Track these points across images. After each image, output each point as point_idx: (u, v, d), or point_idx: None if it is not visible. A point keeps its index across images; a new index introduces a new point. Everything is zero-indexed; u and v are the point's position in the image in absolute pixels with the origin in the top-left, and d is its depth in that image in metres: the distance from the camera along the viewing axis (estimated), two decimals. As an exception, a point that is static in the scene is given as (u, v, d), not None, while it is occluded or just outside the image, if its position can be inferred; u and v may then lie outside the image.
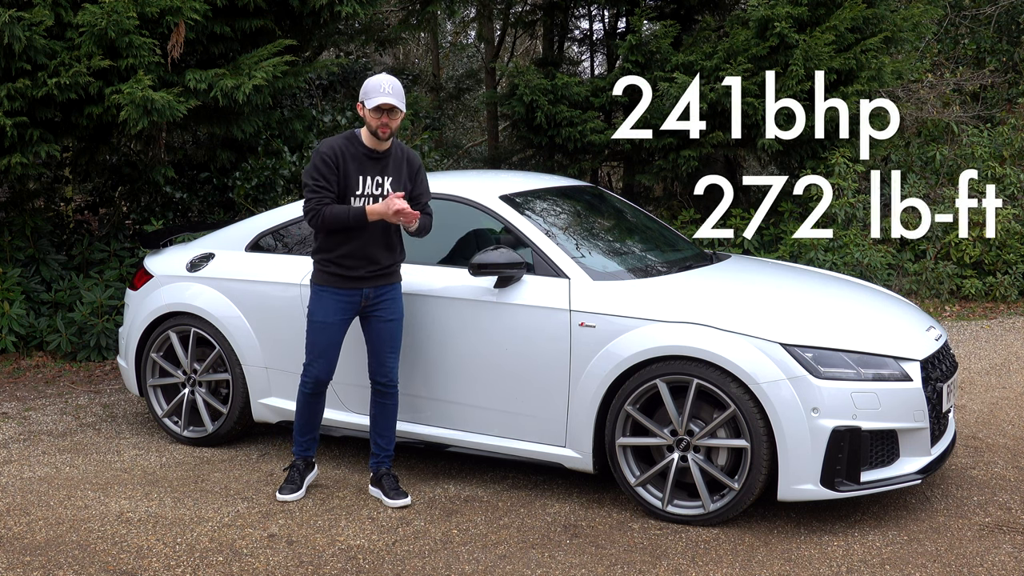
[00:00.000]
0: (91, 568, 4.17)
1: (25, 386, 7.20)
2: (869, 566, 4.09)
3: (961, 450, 5.43)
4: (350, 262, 4.64)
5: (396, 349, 4.81)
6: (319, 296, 4.73)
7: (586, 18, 12.83)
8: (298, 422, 4.93)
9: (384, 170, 4.68)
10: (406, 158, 4.77)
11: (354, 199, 4.62)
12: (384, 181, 4.67)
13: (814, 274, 5.78)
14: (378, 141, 4.63)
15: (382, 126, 4.56)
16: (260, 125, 8.55)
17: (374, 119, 4.56)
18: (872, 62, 9.75)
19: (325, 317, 4.71)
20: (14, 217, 8.23)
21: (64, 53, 6.84)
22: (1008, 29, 13.98)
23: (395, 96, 4.53)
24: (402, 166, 4.74)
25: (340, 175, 4.59)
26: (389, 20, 12.40)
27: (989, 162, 10.80)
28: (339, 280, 4.67)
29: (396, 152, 4.73)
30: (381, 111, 4.54)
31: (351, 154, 4.63)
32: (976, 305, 9.49)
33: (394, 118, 4.58)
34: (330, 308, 4.70)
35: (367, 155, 4.64)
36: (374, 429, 4.90)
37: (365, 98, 4.56)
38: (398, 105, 4.55)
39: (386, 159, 4.68)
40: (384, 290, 4.75)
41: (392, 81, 4.58)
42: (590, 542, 4.37)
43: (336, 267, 4.66)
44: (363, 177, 4.63)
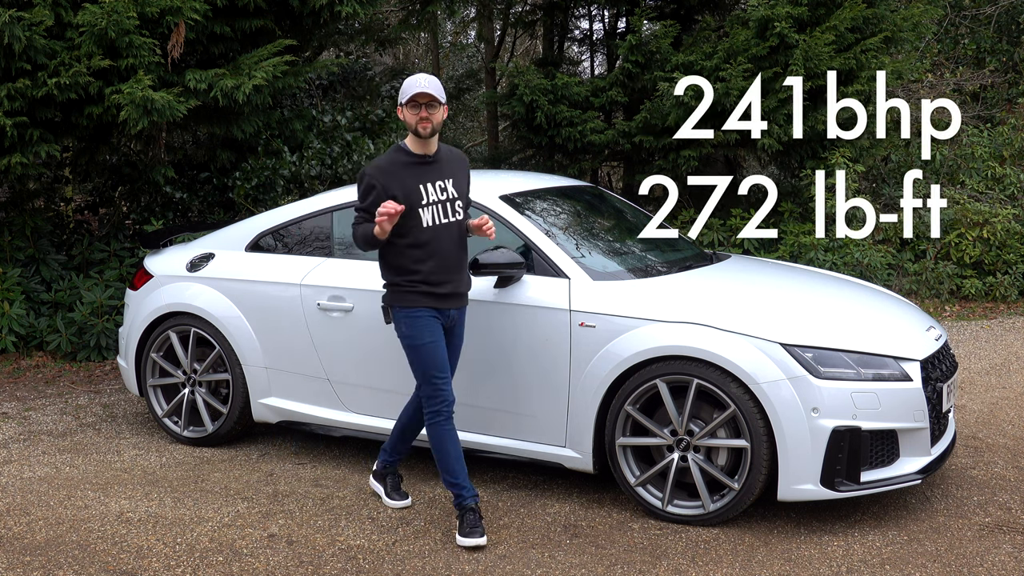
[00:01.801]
0: (91, 568, 4.17)
1: (25, 386, 7.20)
2: (869, 566, 4.09)
3: (961, 450, 5.43)
4: (437, 277, 4.36)
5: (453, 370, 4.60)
6: (417, 319, 4.37)
7: (586, 18, 12.83)
8: (448, 464, 4.39)
9: (443, 173, 4.41)
10: (458, 157, 4.56)
11: (423, 210, 4.33)
12: (447, 184, 4.40)
13: (814, 274, 5.78)
14: (424, 143, 4.35)
15: (422, 121, 4.29)
16: (260, 125, 8.56)
17: (412, 115, 4.30)
18: (872, 62, 9.75)
19: (432, 336, 4.37)
20: (14, 217, 8.23)
21: (64, 53, 6.84)
22: (1008, 29, 13.98)
23: (431, 87, 4.27)
24: (459, 165, 4.51)
25: (392, 193, 4.26)
26: (389, 20, 12.39)
27: (989, 162, 10.80)
28: (430, 299, 4.36)
29: (447, 152, 4.50)
30: (418, 104, 4.27)
31: (401, 164, 4.35)
32: (976, 305, 9.49)
33: (434, 112, 4.30)
34: (433, 327, 4.38)
35: (419, 162, 4.37)
36: (402, 435, 4.73)
37: (402, 96, 4.31)
38: (436, 95, 4.28)
39: (440, 161, 4.43)
40: (461, 312, 4.55)
41: (428, 76, 4.34)
42: (590, 542, 4.37)
43: (427, 285, 4.35)
44: (423, 185, 4.34)
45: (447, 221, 4.39)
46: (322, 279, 5.30)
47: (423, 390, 4.41)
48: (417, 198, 4.33)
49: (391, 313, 4.47)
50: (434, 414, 4.37)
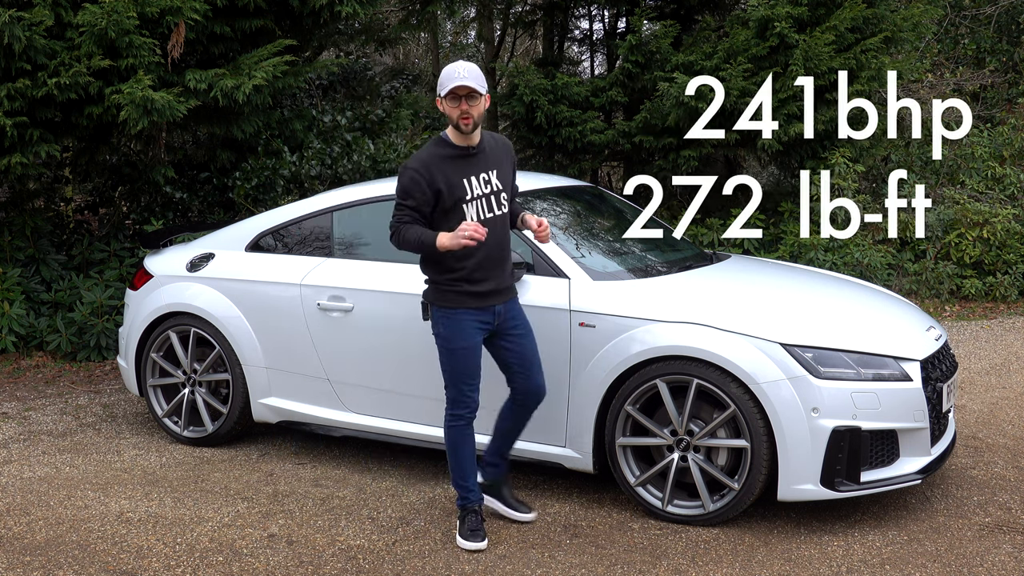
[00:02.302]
0: (91, 568, 4.17)
1: (25, 386, 7.20)
2: (869, 566, 4.09)
3: (961, 450, 5.43)
4: (479, 274, 4.20)
5: (539, 363, 4.39)
6: (454, 319, 4.22)
7: (586, 18, 12.84)
8: (459, 467, 4.35)
9: (487, 164, 4.23)
10: (502, 145, 4.35)
11: (467, 205, 4.16)
12: (491, 176, 4.23)
13: (814, 274, 5.78)
14: (466, 135, 4.16)
15: (463, 115, 4.08)
16: (260, 125, 8.56)
17: (453, 108, 4.09)
18: (872, 62, 9.75)
19: (466, 341, 4.22)
20: (14, 217, 8.23)
21: (64, 53, 6.84)
22: (1008, 29, 13.98)
23: (471, 78, 4.05)
24: (504, 155, 4.31)
25: (436, 187, 4.12)
26: (389, 20, 12.39)
27: (989, 162, 10.80)
28: (470, 298, 4.21)
29: (490, 142, 4.29)
30: (458, 97, 4.06)
31: (444, 158, 4.16)
32: (976, 305, 9.49)
33: (474, 104, 4.08)
34: (469, 331, 4.23)
35: (462, 154, 4.18)
36: (503, 439, 4.50)
37: (440, 88, 4.10)
38: (476, 87, 4.05)
39: (483, 152, 4.23)
40: (512, 305, 4.35)
41: (468, 65, 4.11)
42: (590, 542, 4.37)
43: (468, 284, 4.19)
44: (467, 178, 4.17)
45: (492, 215, 4.22)
46: (322, 279, 5.30)
47: (448, 391, 4.30)
48: (461, 193, 4.15)
49: (430, 311, 4.33)
50: (456, 417, 4.29)
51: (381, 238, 5.34)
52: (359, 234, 5.40)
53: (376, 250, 5.31)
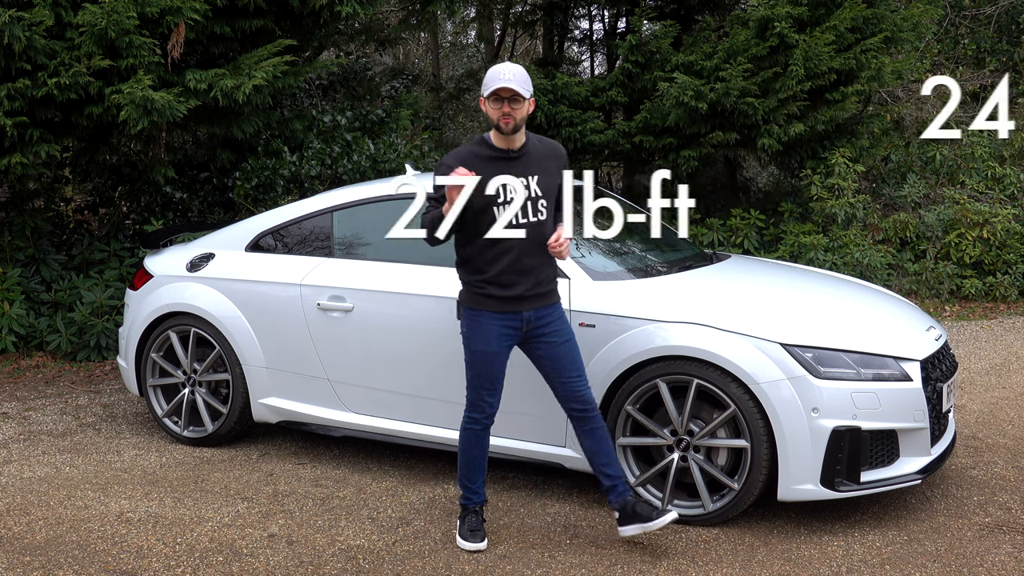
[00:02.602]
0: (91, 568, 4.17)
1: (25, 386, 7.20)
2: (869, 566, 4.09)
3: (961, 450, 5.43)
4: (508, 279, 4.10)
5: (581, 370, 4.22)
6: (477, 322, 4.16)
7: (586, 18, 12.84)
8: (467, 467, 4.32)
9: (527, 169, 4.11)
10: (551, 150, 4.21)
11: (498, 208, 4.06)
12: (531, 181, 4.10)
13: (814, 274, 5.78)
14: (508, 138, 4.07)
15: (504, 117, 4.00)
16: (260, 125, 8.56)
17: (494, 110, 4.01)
18: (872, 62, 9.76)
19: (487, 345, 4.15)
20: (14, 217, 8.24)
21: (64, 53, 6.84)
22: (1008, 29, 13.99)
23: (515, 81, 3.96)
24: (549, 161, 4.17)
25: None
26: (389, 20, 12.40)
27: (989, 162, 10.81)
28: (496, 302, 4.12)
29: (536, 146, 4.17)
30: (500, 99, 3.99)
31: (482, 158, 4.08)
32: (976, 305, 9.50)
33: (517, 107, 4.00)
34: (491, 335, 4.15)
35: (501, 156, 4.10)
36: (596, 461, 4.25)
37: (484, 89, 4.03)
38: (519, 91, 3.97)
39: (525, 156, 4.12)
40: (546, 312, 4.19)
41: (513, 67, 4.02)
42: (590, 542, 4.37)
43: (494, 287, 4.11)
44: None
45: (525, 221, 4.10)
46: (322, 279, 5.30)
47: (468, 394, 4.26)
48: (494, 195, 4.06)
49: (460, 310, 4.27)
50: (472, 421, 4.25)
51: (381, 238, 5.35)
52: (359, 234, 5.41)
53: (376, 250, 5.32)
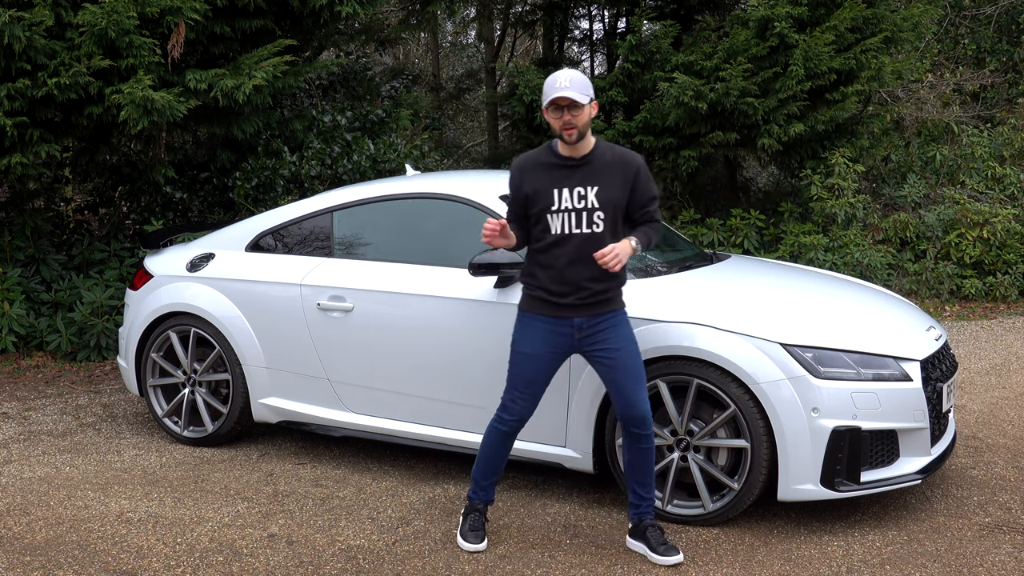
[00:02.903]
0: (91, 568, 4.17)
1: (25, 386, 7.20)
2: (869, 566, 4.09)
3: (961, 450, 5.43)
4: (556, 287, 4.05)
5: (639, 380, 4.09)
6: (524, 323, 4.15)
7: (586, 18, 12.85)
8: (484, 464, 4.30)
9: (587, 179, 4.02)
10: (620, 162, 4.07)
11: (551, 216, 4.01)
12: (588, 191, 4.00)
13: (814, 274, 5.78)
14: (571, 146, 4.01)
15: (566, 126, 3.94)
16: (260, 125, 8.56)
17: (555, 119, 3.96)
18: (872, 62, 9.76)
19: (532, 348, 4.11)
20: (14, 217, 8.24)
21: (64, 53, 6.84)
22: (1008, 29, 13.98)
23: (573, 88, 3.89)
24: (614, 172, 4.04)
25: (525, 192, 4.05)
26: (389, 20, 12.41)
27: (989, 162, 10.81)
28: (545, 306, 4.09)
29: (603, 156, 4.06)
30: (560, 108, 3.93)
31: (543, 165, 4.05)
32: (976, 305, 9.50)
33: (578, 115, 3.92)
34: (537, 337, 4.10)
35: (562, 164, 4.04)
36: (631, 476, 4.19)
37: (543, 98, 3.97)
38: (577, 99, 3.89)
39: (588, 166, 4.03)
40: (601, 319, 4.09)
41: (571, 74, 3.95)
42: (590, 542, 4.37)
43: (543, 292, 4.08)
44: (559, 189, 4.01)
45: (579, 232, 4.02)
46: (322, 279, 5.30)
47: (504, 394, 4.22)
48: (547, 203, 4.02)
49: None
50: (500, 420, 4.21)
51: (381, 238, 5.35)
52: (359, 234, 5.41)
53: (376, 250, 5.32)
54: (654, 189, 4.14)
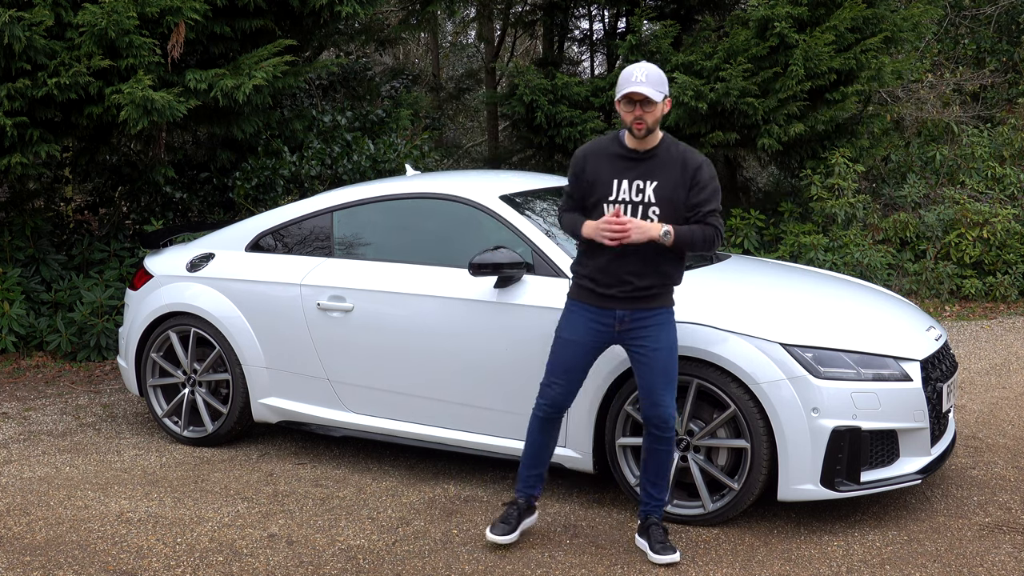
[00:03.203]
0: (91, 568, 4.17)
1: (25, 386, 7.20)
2: (869, 566, 4.09)
3: (961, 450, 5.43)
4: (602, 277, 4.08)
5: (670, 382, 4.10)
6: (569, 311, 4.19)
7: (586, 18, 12.84)
8: (526, 453, 4.29)
9: (648, 173, 4.03)
10: (681, 159, 4.06)
11: (607, 206, 4.04)
12: (646, 186, 4.01)
13: (814, 274, 5.78)
14: (638, 139, 4.03)
15: (636, 120, 3.95)
16: (260, 125, 8.56)
17: (626, 112, 3.97)
18: (872, 62, 9.76)
19: (572, 334, 4.15)
20: (14, 217, 8.24)
21: (64, 53, 6.84)
22: (1008, 29, 13.98)
23: (648, 83, 3.92)
24: (674, 169, 4.04)
25: (587, 179, 4.09)
26: (389, 20, 12.40)
27: (989, 162, 10.81)
28: (590, 296, 4.12)
29: (667, 152, 4.07)
30: (632, 102, 3.94)
31: (608, 155, 4.09)
32: (976, 305, 9.50)
33: (649, 110, 3.94)
34: (579, 325, 4.14)
35: (626, 156, 4.06)
36: (645, 475, 4.20)
37: (617, 91, 4.00)
38: (651, 95, 3.90)
39: (650, 160, 4.04)
40: (644, 315, 4.08)
41: (646, 68, 3.96)
42: (590, 542, 4.37)
43: (590, 281, 4.12)
44: (618, 180, 4.04)
45: None
46: (322, 279, 5.30)
47: (542, 378, 4.25)
48: (605, 192, 4.05)
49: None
50: (537, 405, 4.23)
51: (381, 238, 5.35)
52: (359, 234, 5.41)
53: (376, 250, 5.32)
54: (713, 193, 4.07)
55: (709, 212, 4.05)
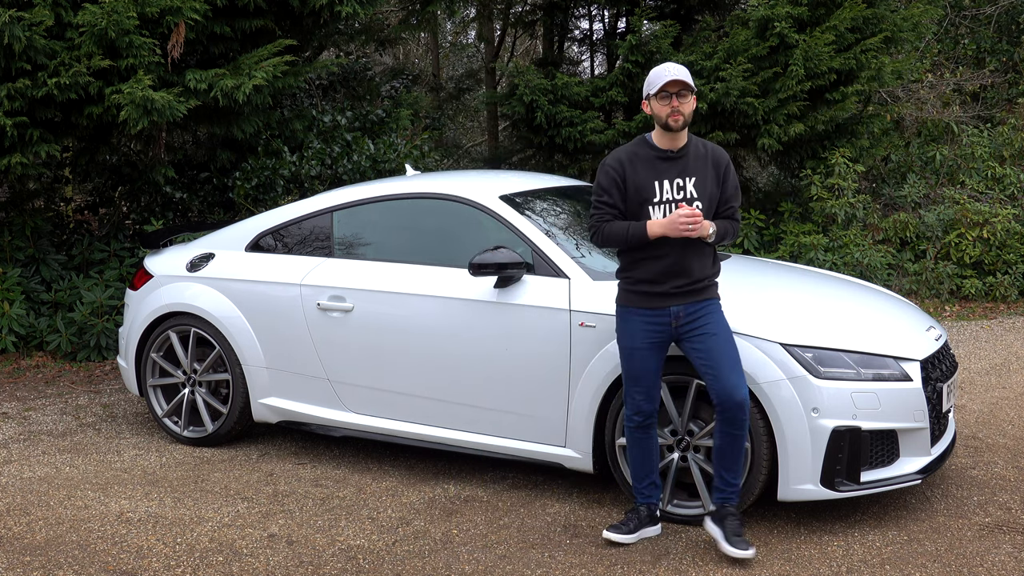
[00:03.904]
0: (91, 568, 4.17)
1: (25, 386, 7.20)
2: (869, 566, 4.09)
3: (961, 450, 5.43)
4: (657, 277, 4.11)
5: (736, 363, 4.11)
6: (624, 319, 4.22)
7: (586, 18, 12.84)
8: (632, 465, 4.33)
9: (685, 170, 4.11)
10: (711, 155, 4.18)
11: (653, 208, 4.08)
12: (687, 183, 4.11)
13: (814, 274, 5.78)
14: (671, 137, 4.09)
15: (673, 113, 4.02)
16: (260, 125, 8.56)
17: (663, 107, 4.02)
18: (872, 62, 9.76)
19: (631, 342, 4.18)
20: (14, 217, 8.24)
21: (64, 53, 6.84)
22: (1008, 29, 13.98)
23: (682, 73, 4.01)
24: (706, 165, 4.15)
25: (628, 186, 4.11)
26: (389, 20, 12.40)
27: (989, 162, 10.80)
28: (642, 298, 4.15)
29: (697, 149, 4.17)
30: (668, 94, 4.01)
31: (642, 158, 4.12)
32: (976, 305, 9.49)
33: (684, 101, 4.03)
34: (636, 332, 4.17)
35: (661, 156, 4.11)
36: (719, 462, 4.18)
37: (649, 88, 4.07)
38: (688, 80, 4.01)
39: (685, 158, 4.12)
40: (698, 307, 4.15)
41: (674, 65, 4.06)
42: (590, 542, 4.37)
43: (647, 284, 4.13)
44: (659, 182, 4.09)
45: None
46: (322, 279, 5.30)
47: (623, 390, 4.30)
48: (649, 195, 4.09)
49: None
50: (628, 419, 4.26)
51: (381, 238, 5.35)
52: (359, 234, 5.41)
53: (376, 250, 5.32)
54: (737, 188, 4.25)
55: (736, 207, 4.25)
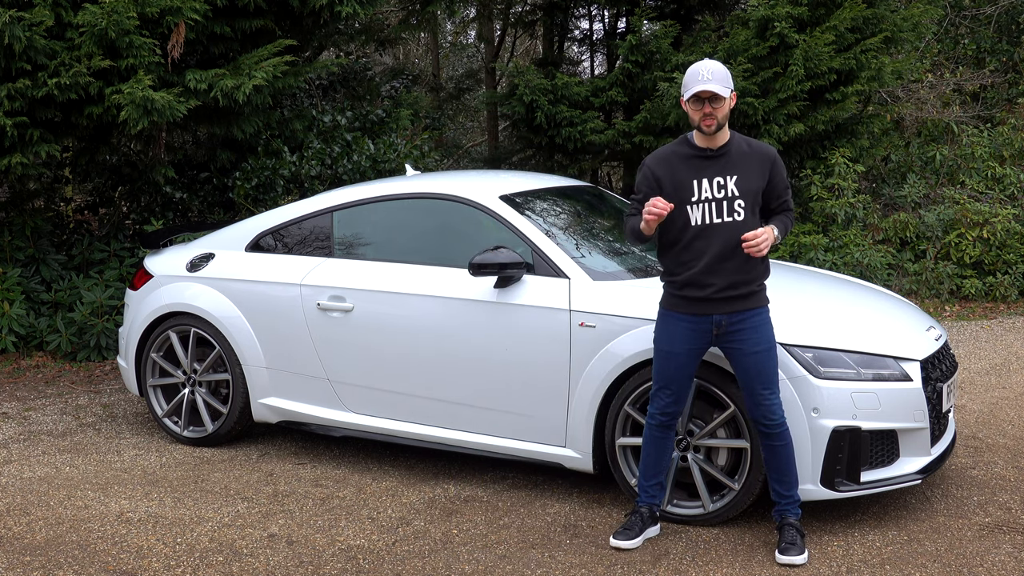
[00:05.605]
0: (91, 568, 4.17)
1: (25, 386, 7.20)
2: (869, 566, 4.09)
3: (961, 450, 5.43)
4: (699, 279, 4.08)
5: (771, 384, 4.11)
6: (663, 321, 4.20)
7: (586, 18, 12.84)
8: (643, 462, 4.31)
9: (725, 168, 4.08)
10: (757, 152, 4.14)
11: (691, 207, 4.06)
12: (727, 181, 4.06)
13: (814, 274, 5.78)
14: (709, 136, 4.07)
15: (705, 118, 4.01)
16: (260, 125, 8.56)
17: (695, 111, 4.03)
18: (872, 62, 9.76)
19: (669, 346, 4.15)
20: (14, 217, 8.24)
21: (64, 53, 6.84)
22: (1008, 29, 13.98)
23: (715, 81, 3.97)
24: (751, 161, 4.11)
25: (665, 185, 4.08)
26: (389, 20, 12.40)
27: (989, 162, 10.80)
28: (684, 303, 4.13)
29: (739, 147, 4.13)
30: (701, 100, 4.00)
31: (681, 157, 4.10)
32: (976, 305, 9.49)
33: (718, 107, 4.00)
34: (675, 336, 4.14)
35: (700, 155, 4.10)
36: (771, 475, 4.20)
37: (684, 90, 4.04)
38: (719, 91, 3.97)
39: (725, 156, 4.09)
40: (741, 317, 4.10)
41: (711, 66, 4.02)
42: (590, 542, 4.37)
43: (685, 288, 4.11)
44: (699, 180, 4.07)
45: (719, 221, 4.06)
46: (322, 279, 5.30)
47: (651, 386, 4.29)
48: (687, 194, 4.07)
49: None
50: (650, 415, 4.25)
51: (381, 238, 5.35)
52: (359, 234, 5.41)
53: (376, 250, 5.32)
54: (786, 181, 4.22)
55: (790, 199, 4.24)
